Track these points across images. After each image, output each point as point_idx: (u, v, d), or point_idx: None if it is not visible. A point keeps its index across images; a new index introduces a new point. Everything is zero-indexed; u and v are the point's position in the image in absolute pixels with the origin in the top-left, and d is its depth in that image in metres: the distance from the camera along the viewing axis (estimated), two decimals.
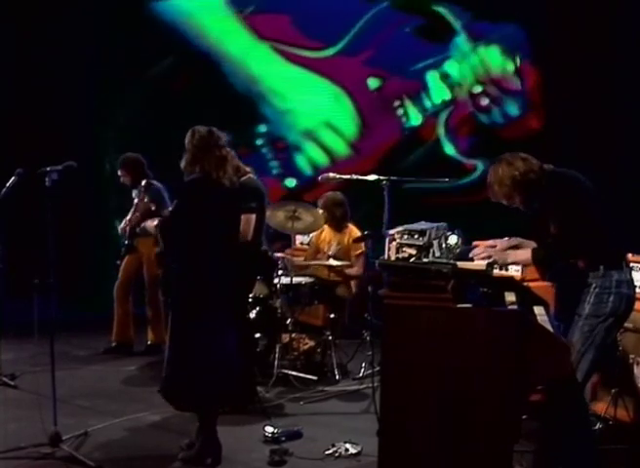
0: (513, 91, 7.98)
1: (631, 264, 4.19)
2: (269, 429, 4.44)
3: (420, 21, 8.06)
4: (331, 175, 5.50)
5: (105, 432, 4.58)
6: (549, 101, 7.65)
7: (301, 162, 8.40)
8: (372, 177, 5.23)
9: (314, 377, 5.58)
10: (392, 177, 5.25)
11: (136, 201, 6.48)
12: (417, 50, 8.11)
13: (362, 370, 5.77)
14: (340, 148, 8.34)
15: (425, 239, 3.31)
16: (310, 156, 8.40)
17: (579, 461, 3.44)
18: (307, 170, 8.38)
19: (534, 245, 3.67)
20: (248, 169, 4.93)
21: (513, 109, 8.00)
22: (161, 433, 4.60)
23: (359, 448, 4.23)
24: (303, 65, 8.35)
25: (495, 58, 7.99)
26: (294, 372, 5.58)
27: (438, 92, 8.15)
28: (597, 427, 4.17)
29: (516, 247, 3.73)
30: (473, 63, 8.05)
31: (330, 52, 8.25)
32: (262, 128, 8.43)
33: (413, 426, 3.15)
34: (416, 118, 8.21)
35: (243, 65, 8.45)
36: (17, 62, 8.30)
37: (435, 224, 3.53)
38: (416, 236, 3.33)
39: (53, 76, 8.18)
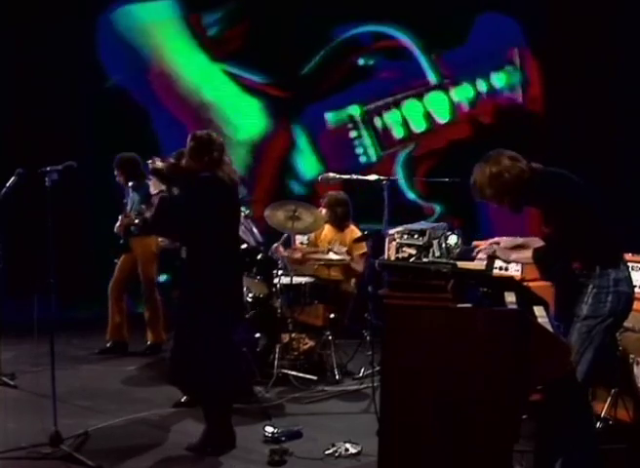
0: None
1: (631, 264, 4.20)
2: (269, 429, 4.44)
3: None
4: (331, 175, 5.50)
5: (105, 432, 4.57)
6: (549, 100, 7.66)
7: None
8: (372, 177, 5.24)
9: (314, 377, 5.59)
10: (392, 177, 5.26)
11: (130, 200, 6.50)
12: (382, 82, 8.13)
13: (362, 369, 5.77)
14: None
15: (425, 239, 3.31)
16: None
17: (579, 461, 3.44)
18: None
19: (539, 241, 3.64)
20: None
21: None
22: (161, 433, 4.60)
23: (359, 448, 4.23)
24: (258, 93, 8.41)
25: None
26: (294, 372, 5.58)
27: (398, 129, 8.18)
28: (597, 427, 4.17)
29: (521, 246, 3.71)
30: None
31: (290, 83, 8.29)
32: None
33: (413, 426, 3.15)
34: (373, 154, 8.24)
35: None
36: (17, 62, 8.30)
37: (435, 224, 3.53)
38: (416, 236, 3.33)
39: (53, 76, 8.18)
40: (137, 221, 6.30)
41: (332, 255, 5.93)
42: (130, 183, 6.38)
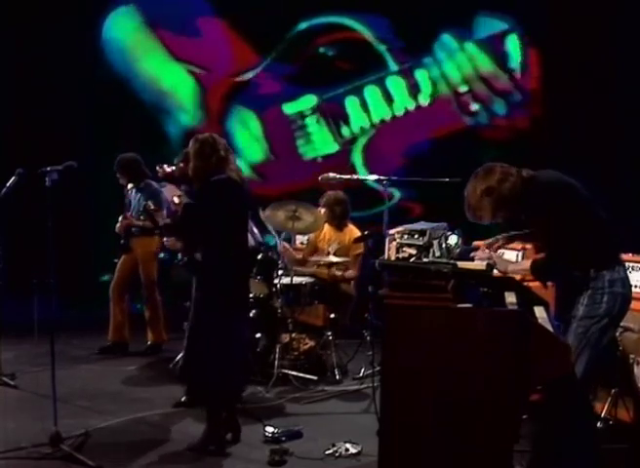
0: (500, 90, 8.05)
1: (631, 264, 4.19)
2: (269, 429, 4.45)
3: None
4: (331, 175, 5.50)
5: (105, 432, 4.58)
6: (549, 100, 7.66)
7: None
8: (372, 177, 5.24)
9: (314, 377, 5.59)
10: (392, 177, 5.26)
11: (131, 201, 6.51)
12: (335, 74, 8.18)
13: (362, 369, 5.77)
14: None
15: (425, 239, 3.31)
16: None
17: (579, 461, 3.43)
18: None
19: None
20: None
21: (501, 109, 8.05)
22: (161, 433, 4.60)
23: (359, 448, 4.23)
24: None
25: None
26: (294, 372, 5.58)
27: (357, 118, 8.21)
28: (597, 427, 4.17)
29: (518, 237, 3.72)
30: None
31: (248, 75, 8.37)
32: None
33: (413, 426, 3.15)
34: (331, 145, 8.29)
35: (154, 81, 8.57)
36: (17, 62, 8.31)
37: (435, 224, 3.53)
38: (416, 236, 3.33)
39: (53, 76, 8.18)
40: (140, 222, 6.33)
41: (332, 258, 5.94)
42: (129, 185, 6.38)
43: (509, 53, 8.00)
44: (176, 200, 4.37)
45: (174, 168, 4.39)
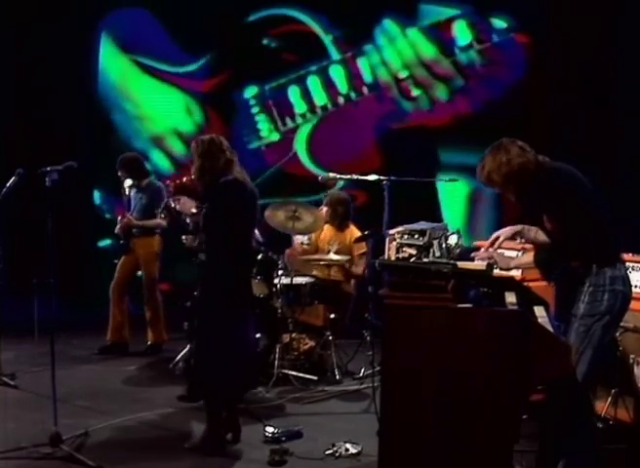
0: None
1: (631, 264, 4.19)
2: (270, 429, 4.45)
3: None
4: (331, 175, 5.50)
5: (105, 432, 4.57)
6: (549, 100, 7.66)
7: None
8: (372, 177, 5.24)
9: (314, 377, 5.59)
10: (392, 178, 5.26)
11: (131, 200, 6.51)
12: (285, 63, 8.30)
13: (362, 370, 5.77)
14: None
15: (425, 239, 3.30)
16: (155, 163, 8.51)
17: (579, 461, 3.43)
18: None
19: (537, 230, 3.64)
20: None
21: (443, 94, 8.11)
22: (161, 433, 4.60)
23: (359, 448, 4.23)
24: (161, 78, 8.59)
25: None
26: (294, 372, 5.59)
27: (299, 104, 8.31)
28: (597, 427, 4.17)
29: (518, 233, 3.73)
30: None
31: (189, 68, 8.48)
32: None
33: (413, 426, 3.15)
34: (273, 134, 8.40)
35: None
36: (17, 62, 8.31)
37: (435, 224, 3.53)
38: (416, 236, 3.32)
39: (53, 76, 8.18)
40: (140, 222, 6.34)
41: (332, 256, 5.94)
42: (129, 183, 6.38)
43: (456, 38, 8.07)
44: (193, 210, 4.38)
45: (184, 178, 4.41)
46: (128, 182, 6.42)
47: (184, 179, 4.55)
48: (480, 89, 8.08)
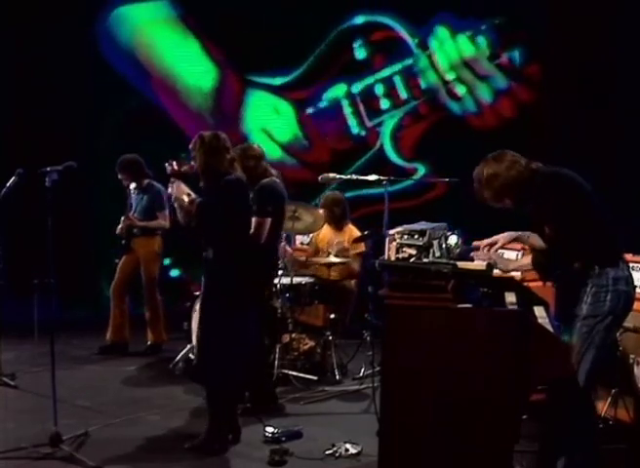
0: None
1: (631, 264, 4.19)
2: (269, 429, 4.44)
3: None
4: (331, 175, 5.50)
5: (105, 432, 4.57)
6: (549, 101, 7.66)
7: None
8: (372, 177, 5.24)
9: (314, 377, 5.59)
10: (392, 178, 5.25)
11: (133, 202, 6.51)
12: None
13: (362, 370, 5.77)
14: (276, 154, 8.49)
15: (425, 239, 3.30)
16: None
17: (579, 461, 3.43)
18: None
19: (535, 236, 3.65)
20: (274, 172, 5.07)
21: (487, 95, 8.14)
22: (161, 433, 4.60)
23: (359, 448, 4.22)
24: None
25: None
26: (294, 372, 5.58)
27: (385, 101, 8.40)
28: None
29: (517, 239, 3.74)
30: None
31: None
32: None
33: (413, 426, 3.15)
34: (361, 127, 8.50)
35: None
36: (17, 62, 8.31)
37: (435, 224, 3.53)
38: (416, 236, 3.32)
39: (53, 76, 8.18)
40: (142, 223, 6.34)
41: (332, 258, 5.94)
42: (132, 186, 6.38)
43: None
44: (185, 198, 4.35)
45: (185, 167, 4.38)
46: (133, 185, 6.43)
47: (186, 167, 4.54)
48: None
